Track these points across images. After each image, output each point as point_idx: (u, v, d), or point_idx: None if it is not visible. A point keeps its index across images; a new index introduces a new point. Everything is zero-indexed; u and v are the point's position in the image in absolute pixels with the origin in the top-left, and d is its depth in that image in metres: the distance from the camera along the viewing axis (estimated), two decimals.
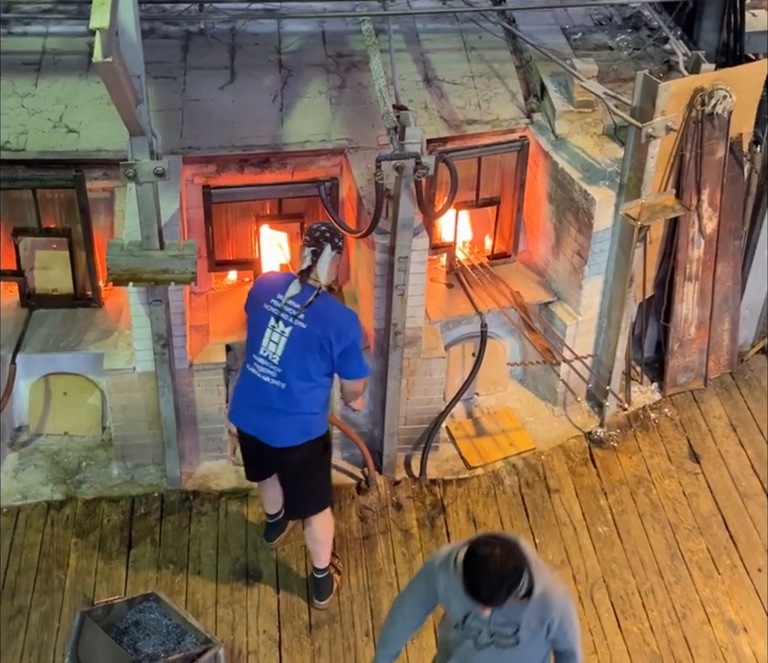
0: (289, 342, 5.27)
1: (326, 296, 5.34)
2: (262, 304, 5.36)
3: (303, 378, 5.30)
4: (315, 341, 5.24)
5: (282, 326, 5.29)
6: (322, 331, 5.23)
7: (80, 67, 6.62)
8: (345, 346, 5.27)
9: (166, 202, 5.69)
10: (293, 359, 5.28)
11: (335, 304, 5.43)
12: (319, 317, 5.25)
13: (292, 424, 5.36)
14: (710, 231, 7.10)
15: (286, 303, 5.28)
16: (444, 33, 7.42)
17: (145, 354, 6.17)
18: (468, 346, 7.18)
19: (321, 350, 5.26)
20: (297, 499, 5.70)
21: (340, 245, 5.37)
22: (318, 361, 5.29)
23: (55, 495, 6.52)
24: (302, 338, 5.26)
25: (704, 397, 7.57)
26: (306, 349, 5.26)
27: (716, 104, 6.52)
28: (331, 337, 5.23)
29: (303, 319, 5.25)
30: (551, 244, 7.17)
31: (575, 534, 6.52)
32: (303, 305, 5.25)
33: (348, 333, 5.28)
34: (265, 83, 6.83)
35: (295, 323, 5.26)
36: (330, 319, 5.26)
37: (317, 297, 5.26)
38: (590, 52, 7.46)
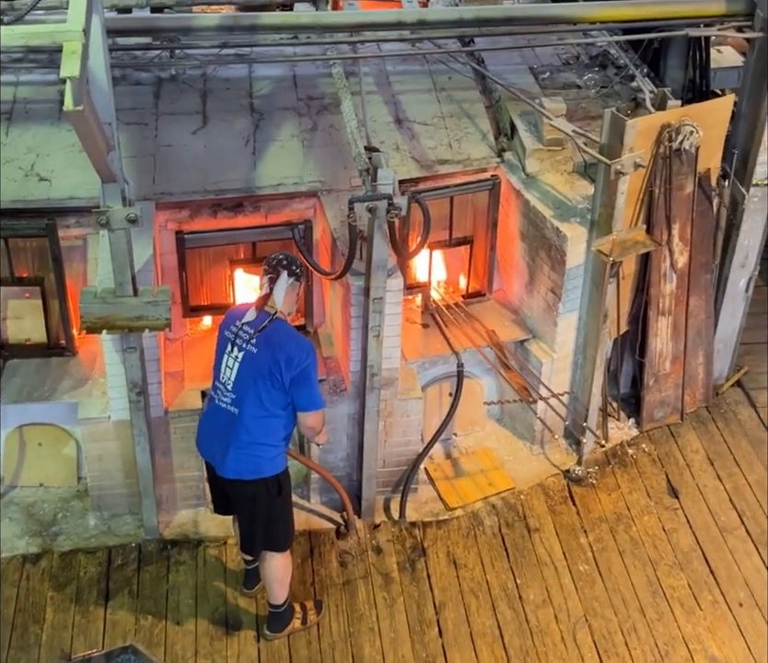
0: (241, 366, 5.29)
1: (280, 322, 5.32)
2: (224, 330, 5.44)
3: (255, 405, 5.29)
4: (265, 366, 5.22)
5: (236, 351, 5.31)
6: (272, 356, 5.22)
7: (51, 115, 6.60)
8: (295, 374, 5.22)
9: (139, 248, 5.67)
10: (245, 384, 5.29)
11: (288, 330, 5.37)
12: (270, 342, 5.24)
13: (243, 456, 5.33)
14: (681, 266, 7.15)
15: (241, 328, 5.31)
16: (414, 75, 7.47)
17: (119, 403, 6.12)
18: (445, 386, 7.16)
19: (272, 376, 5.22)
20: (248, 534, 5.65)
21: (297, 272, 5.36)
22: (269, 389, 5.26)
23: (31, 548, 6.42)
24: (253, 362, 5.26)
25: (681, 431, 7.58)
26: (257, 375, 5.25)
27: (684, 140, 6.60)
28: (280, 363, 5.20)
29: (255, 344, 5.26)
30: (524, 282, 7.19)
31: (555, 573, 6.49)
32: (256, 330, 5.26)
33: (299, 361, 5.22)
34: (237, 127, 6.84)
35: (247, 348, 5.28)
36: (280, 345, 5.23)
37: (270, 323, 5.25)
38: (558, 90, 7.54)
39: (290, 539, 5.80)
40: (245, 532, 5.67)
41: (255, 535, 5.60)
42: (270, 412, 5.30)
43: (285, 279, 5.30)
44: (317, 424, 5.45)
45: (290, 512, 5.77)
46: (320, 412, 5.42)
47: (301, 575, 6.36)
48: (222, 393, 5.38)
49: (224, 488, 5.55)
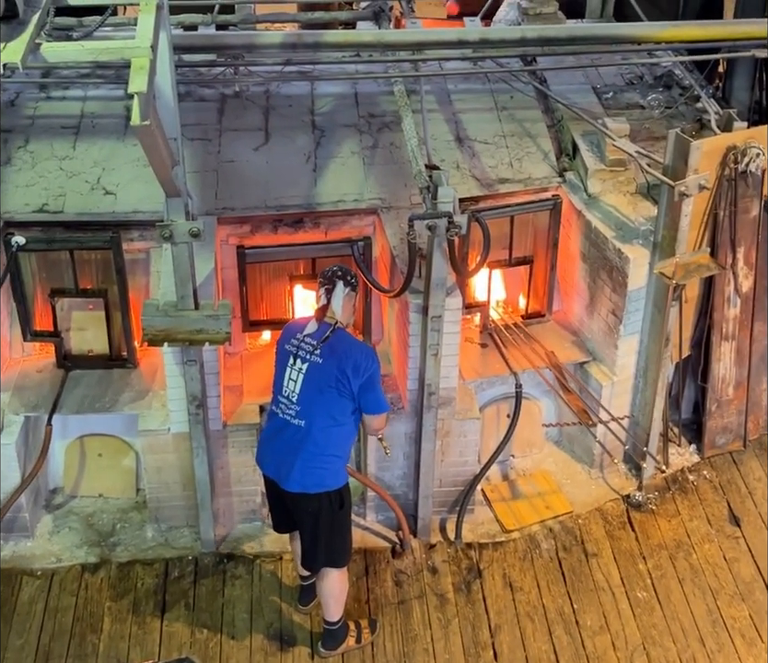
0: (306, 378, 5.32)
1: (342, 331, 5.39)
2: (284, 345, 5.48)
3: (322, 415, 5.31)
4: (332, 375, 5.27)
5: (299, 363, 5.35)
6: (338, 365, 5.26)
7: (117, 130, 6.72)
8: (363, 380, 5.28)
9: (201, 262, 5.72)
10: (311, 395, 5.32)
11: (351, 339, 5.47)
12: (334, 351, 5.29)
13: (309, 467, 5.33)
14: (746, 290, 7.03)
15: (303, 340, 5.37)
16: (475, 93, 7.47)
17: (179, 415, 6.17)
18: (503, 407, 7.11)
19: (339, 385, 5.27)
20: (310, 549, 5.62)
21: (353, 282, 5.44)
22: (336, 397, 5.30)
23: (90, 558, 6.49)
24: (319, 373, 5.30)
25: (744, 458, 7.43)
26: (323, 384, 5.29)
27: (750, 162, 6.50)
28: (347, 371, 5.25)
29: (319, 355, 5.31)
30: (585, 303, 7.12)
31: (613, 599, 6.38)
32: (319, 340, 5.32)
33: (366, 367, 5.28)
34: (299, 143, 6.89)
35: (311, 359, 5.32)
36: (345, 353, 5.29)
37: (332, 333, 5.32)
38: (622, 110, 7.48)
39: (349, 555, 5.79)
40: (307, 548, 5.66)
41: (317, 551, 5.58)
42: (337, 421, 5.34)
43: (342, 289, 5.38)
44: (382, 425, 5.54)
45: (350, 528, 5.77)
46: (387, 414, 5.53)
47: (356, 593, 6.33)
48: (286, 407, 5.39)
49: (286, 504, 5.55)
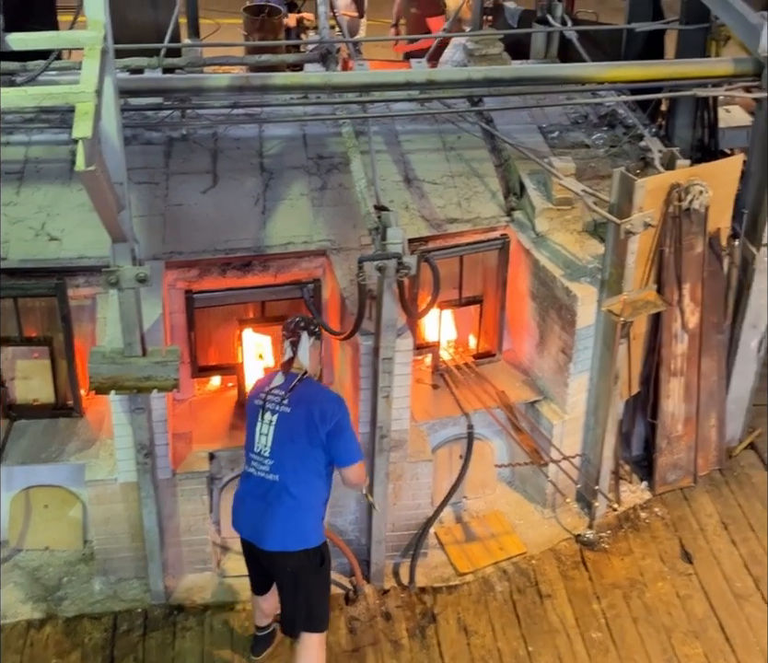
0: (276, 429, 5.30)
1: (309, 380, 5.42)
2: (252, 401, 5.47)
3: (296, 467, 5.26)
4: (301, 423, 5.25)
5: (269, 415, 5.34)
6: (307, 412, 5.26)
7: (62, 175, 6.62)
8: (331, 427, 5.24)
9: (148, 307, 5.64)
10: (283, 446, 5.28)
11: (319, 386, 5.50)
12: (302, 399, 5.30)
13: (286, 523, 5.23)
14: (693, 326, 7.10)
15: (270, 392, 5.38)
16: (423, 134, 7.50)
17: (127, 464, 6.05)
18: (455, 448, 7.09)
19: (309, 433, 5.24)
20: (289, 612, 5.52)
21: (317, 331, 5.50)
22: (307, 447, 5.25)
23: (35, 614, 6.32)
24: (288, 422, 5.28)
25: (694, 494, 7.47)
26: (294, 433, 5.26)
27: (693, 199, 6.58)
28: (315, 418, 5.23)
29: (287, 404, 5.31)
30: (535, 342, 7.14)
31: (568, 641, 6.35)
32: (287, 390, 5.34)
33: (333, 413, 5.27)
34: (247, 186, 6.86)
35: (280, 409, 5.32)
36: (313, 400, 5.30)
37: (300, 382, 5.35)
38: (568, 149, 7.56)
39: (328, 618, 5.65)
40: (287, 611, 5.55)
41: (297, 613, 5.47)
42: (311, 473, 5.28)
43: (307, 339, 5.42)
44: (359, 478, 5.46)
45: (329, 588, 5.67)
46: (361, 463, 5.41)
47: None
48: (259, 463, 5.32)
49: (264, 565, 5.46)
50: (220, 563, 6.73)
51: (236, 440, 6.54)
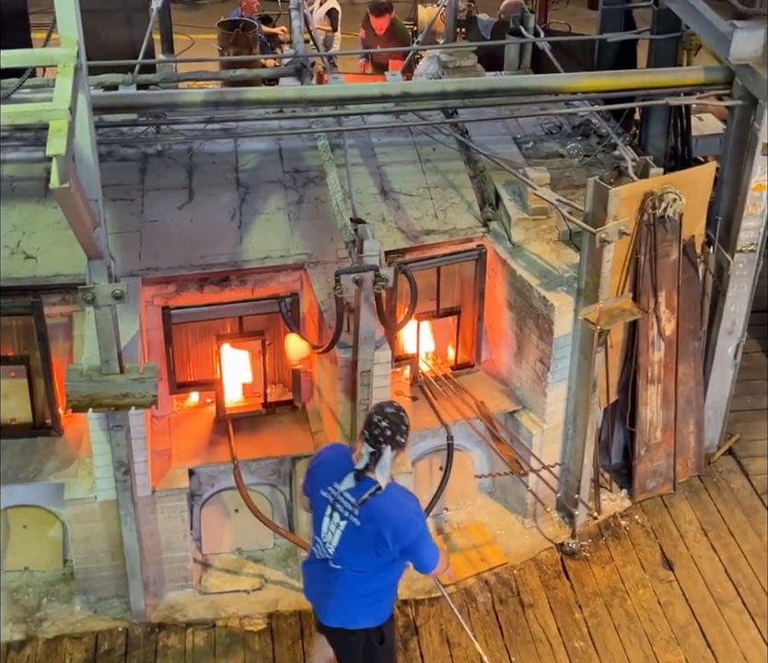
0: (344, 535, 4.91)
1: (384, 493, 4.82)
2: (319, 489, 5.00)
3: (358, 570, 4.97)
4: (370, 539, 4.83)
5: (337, 518, 4.91)
6: (377, 531, 4.80)
7: (37, 193, 6.58)
8: (406, 545, 4.83)
9: (125, 324, 5.62)
10: (347, 553, 4.94)
11: (394, 500, 4.88)
12: (373, 515, 4.81)
13: (346, 605, 5.07)
14: (669, 333, 7.14)
15: (341, 494, 4.89)
16: (398, 146, 7.51)
17: (106, 482, 6.02)
18: (435, 460, 7.09)
19: (378, 549, 4.84)
20: None
21: (402, 441, 4.84)
22: (374, 558, 4.89)
23: (15, 635, 6.27)
24: (357, 536, 4.87)
25: (674, 501, 7.50)
26: (362, 547, 4.88)
27: (667, 207, 6.63)
28: (387, 537, 4.78)
29: (357, 516, 4.84)
30: (513, 352, 7.16)
31: (551, 650, 6.37)
32: (358, 500, 4.83)
33: (406, 534, 4.82)
34: (223, 201, 6.84)
35: (350, 518, 4.87)
36: (385, 519, 4.80)
37: (372, 496, 4.82)
38: (542, 160, 7.59)
39: None
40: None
41: None
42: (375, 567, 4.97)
43: (389, 455, 4.79)
44: (441, 570, 5.16)
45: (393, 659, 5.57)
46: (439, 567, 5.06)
47: (292, 658, 6.23)
48: (324, 551, 5.01)
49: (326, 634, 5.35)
50: (201, 580, 6.70)
51: (215, 456, 6.55)
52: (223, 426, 6.71)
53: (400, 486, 5.05)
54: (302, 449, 6.60)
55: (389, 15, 10.42)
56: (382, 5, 10.40)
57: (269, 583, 6.73)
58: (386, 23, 10.37)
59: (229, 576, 6.76)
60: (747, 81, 6.63)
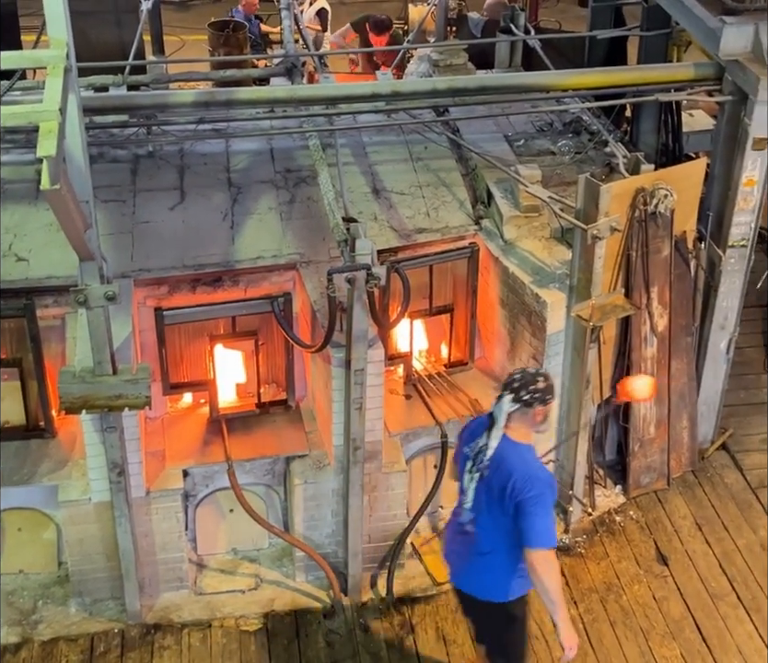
0: (477, 489, 5.05)
1: (513, 445, 4.95)
2: (463, 447, 5.22)
3: (489, 528, 5.04)
4: (496, 490, 4.93)
5: (474, 471, 5.06)
6: (503, 480, 4.89)
7: (29, 195, 6.57)
8: (518, 501, 4.83)
9: (117, 326, 5.60)
10: (480, 507, 5.06)
11: (521, 456, 4.96)
12: (500, 466, 4.94)
13: (475, 572, 5.17)
14: (662, 329, 7.16)
15: (479, 448, 5.05)
16: (390, 145, 7.51)
17: (100, 484, 6.01)
18: (429, 458, 7.09)
19: (501, 502, 4.91)
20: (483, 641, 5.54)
21: (525, 398, 4.90)
22: (500, 514, 4.95)
23: (10, 638, 6.26)
24: (487, 487, 5.00)
25: (668, 497, 7.51)
26: (490, 499, 4.98)
27: (659, 203, 6.63)
28: (508, 489, 4.85)
29: (488, 467, 4.99)
30: (506, 349, 7.17)
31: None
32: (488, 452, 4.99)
33: (522, 489, 4.83)
34: (215, 201, 6.84)
35: (482, 470, 5.01)
36: (509, 470, 4.89)
37: (501, 444, 4.95)
38: (534, 157, 7.60)
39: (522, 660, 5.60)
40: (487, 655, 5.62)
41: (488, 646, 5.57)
42: (503, 535, 4.99)
43: (508, 404, 4.93)
44: (539, 566, 4.85)
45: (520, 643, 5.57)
46: (546, 552, 4.87)
47: (288, 658, 6.23)
48: (462, 509, 5.17)
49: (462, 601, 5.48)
50: (197, 580, 6.70)
51: (209, 456, 6.54)
52: (217, 427, 6.71)
53: (534, 453, 5.08)
54: (296, 449, 6.62)
55: (389, 32, 10.38)
56: (383, 23, 10.34)
57: (264, 583, 6.74)
58: (386, 41, 10.32)
59: (225, 577, 6.76)
60: (737, 76, 6.65)
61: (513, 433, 4.97)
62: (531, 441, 5.06)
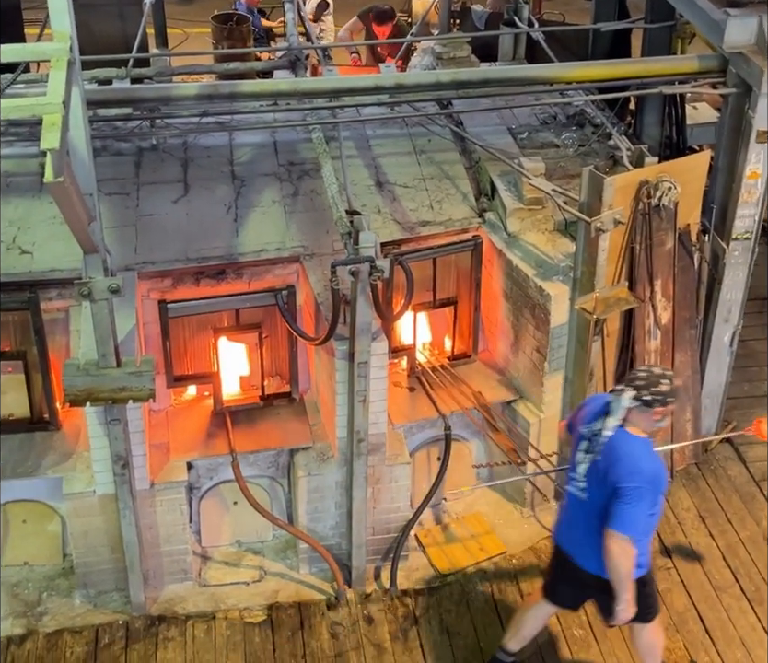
0: (589, 469, 5.25)
1: (626, 436, 5.15)
2: (578, 425, 5.40)
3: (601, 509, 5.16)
4: (603, 475, 5.15)
5: (587, 453, 5.27)
6: (608, 467, 5.13)
7: (32, 188, 6.57)
8: (615, 486, 5.07)
9: (121, 318, 5.61)
10: (591, 487, 5.25)
11: (630, 446, 5.13)
12: (609, 452, 5.15)
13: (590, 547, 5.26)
14: (665, 322, 7.15)
15: (594, 432, 5.25)
16: (393, 138, 7.52)
17: (104, 476, 6.04)
18: (433, 450, 7.11)
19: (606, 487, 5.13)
20: None
21: (647, 399, 5.08)
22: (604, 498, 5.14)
23: (15, 630, 6.29)
24: (596, 471, 5.21)
25: (672, 489, 7.49)
26: (598, 482, 5.20)
27: (662, 196, 6.62)
28: (611, 474, 5.09)
29: (600, 451, 5.20)
30: (510, 342, 7.17)
31: (550, 638, 6.37)
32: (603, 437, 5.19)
33: (620, 478, 5.05)
34: (219, 194, 6.85)
35: (596, 453, 5.22)
36: (616, 457, 5.12)
37: (615, 434, 5.15)
38: (537, 150, 7.60)
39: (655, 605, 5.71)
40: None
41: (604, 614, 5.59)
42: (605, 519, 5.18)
43: (627, 400, 5.12)
44: (615, 549, 5.06)
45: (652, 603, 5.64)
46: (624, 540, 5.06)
47: (292, 649, 6.26)
48: (576, 484, 5.36)
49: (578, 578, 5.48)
50: (201, 572, 6.72)
51: (213, 449, 6.56)
52: (221, 419, 6.72)
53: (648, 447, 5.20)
54: (300, 441, 6.63)
55: (391, 22, 10.40)
56: (386, 13, 10.37)
57: (268, 574, 6.77)
58: (389, 31, 10.35)
59: (229, 569, 6.79)
60: (741, 69, 6.63)
61: (629, 426, 5.16)
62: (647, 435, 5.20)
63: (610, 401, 5.21)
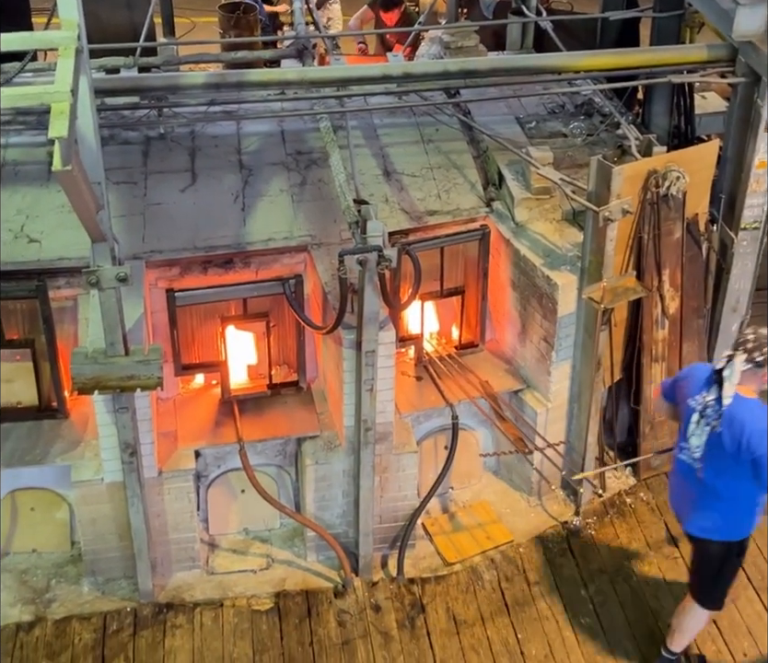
0: (708, 443, 5.27)
1: (745, 400, 5.18)
2: (686, 397, 5.42)
3: (718, 477, 5.27)
4: (729, 447, 5.16)
5: (703, 425, 5.29)
6: (735, 437, 5.14)
7: (41, 177, 6.59)
8: (754, 457, 5.11)
9: (129, 307, 5.62)
10: (712, 458, 5.27)
11: (752, 412, 5.19)
12: (733, 422, 5.16)
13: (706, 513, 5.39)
14: (673, 311, 7.14)
15: (707, 402, 5.27)
16: (401, 127, 7.50)
17: (112, 464, 6.05)
18: (440, 439, 7.12)
19: (736, 456, 5.15)
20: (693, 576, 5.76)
21: (758, 359, 5.15)
22: (733, 464, 5.19)
23: (24, 617, 6.31)
24: (718, 443, 5.21)
25: None
26: (723, 454, 5.20)
27: (671, 185, 6.61)
28: (743, 445, 5.11)
29: (720, 423, 5.20)
30: (517, 331, 7.17)
31: (557, 628, 6.40)
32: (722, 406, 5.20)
33: (758, 446, 5.08)
34: (226, 183, 6.85)
35: (714, 425, 5.23)
36: (742, 427, 5.13)
37: (732, 402, 5.16)
38: (545, 139, 7.58)
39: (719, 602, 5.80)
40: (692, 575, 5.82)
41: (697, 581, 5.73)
42: (736, 478, 5.26)
43: (740, 364, 5.15)
44: None
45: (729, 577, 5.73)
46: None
47: (299, 636, 6.27)
48: (689, 455, 5.39)
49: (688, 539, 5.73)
50: (208, 560, 6.75)
51: (221, 437, 6.58)
52: (228, 408, 6.74)
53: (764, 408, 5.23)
54: (307, 430, 6.65)
55: (398, 9, 10.38)
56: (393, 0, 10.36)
57: (276, 562, 6.78)
58: (396, 17, 10.33)
59: (236, 556, 6.81)
60: (750, 58, 6.60)
61: (742, 390, 5.20)
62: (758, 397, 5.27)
63: (721, 368, 5.21)
